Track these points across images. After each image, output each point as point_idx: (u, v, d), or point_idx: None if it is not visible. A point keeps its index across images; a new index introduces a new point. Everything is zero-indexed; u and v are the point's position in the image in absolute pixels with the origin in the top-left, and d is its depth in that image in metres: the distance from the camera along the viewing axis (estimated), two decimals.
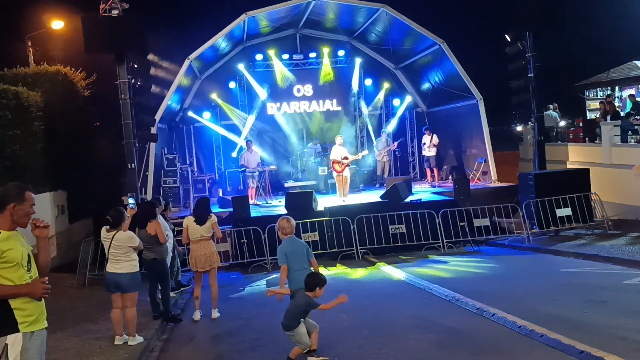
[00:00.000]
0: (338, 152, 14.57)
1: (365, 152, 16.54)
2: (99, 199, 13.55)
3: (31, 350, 3.61)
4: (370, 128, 19.64)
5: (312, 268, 5.98)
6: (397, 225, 12.39)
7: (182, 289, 9.84)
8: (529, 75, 13.80)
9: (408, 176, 18.27)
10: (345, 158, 14.49)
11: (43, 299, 3.75)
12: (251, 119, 18.73)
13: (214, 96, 18.54)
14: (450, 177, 18.10)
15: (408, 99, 19.81)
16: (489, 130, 16.88)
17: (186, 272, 10.43)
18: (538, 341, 5.77)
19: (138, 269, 6.88)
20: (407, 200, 13.45)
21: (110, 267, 6.76)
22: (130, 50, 11.84)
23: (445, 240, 12.31)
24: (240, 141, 18.23)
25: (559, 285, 8.29)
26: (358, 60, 19.23)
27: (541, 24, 13.48)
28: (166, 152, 16.40)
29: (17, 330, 3.58)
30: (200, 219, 7.93)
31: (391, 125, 19.66)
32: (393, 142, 18.26)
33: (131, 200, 11.06)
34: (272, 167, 16.82)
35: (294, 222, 6.23)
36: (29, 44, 18.02)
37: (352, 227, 12.19)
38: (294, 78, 19.01)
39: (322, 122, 19.19)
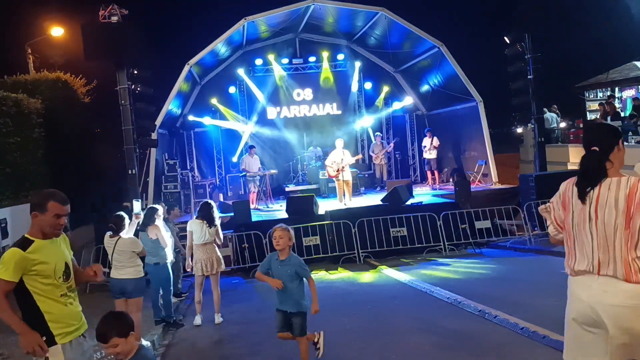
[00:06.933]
0: (332, 157, 14.39)
1: (359, 156, 16.41)
2: (99, 205, 13.55)
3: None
4: (370, 131, 19.65)
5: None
6: (398, 228, 12.38)
7: (181, 297, 9.81)
8: (529, 76, 13.79)
9: (409, 179, 18.26)
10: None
11: (79, 308, 3.64)
12: (251, 123, 18.76)
13: (214, 101, 18.57)
14: (450, 180, 18.08)
15: (408, 101, 19.84)
16: (489, 132, 16.86)
17: (187, 278, 10.40)
18: (540, 343, 5.74)
19: (142, 274, 6.88)
20: (408, 203, 13.43)
21: (115, 273, 6.75)
22: (129, 56, 11.85)
23: (446, 243, 12.27)
24: (241, 146, 18.24)
25: (561, 286, 8.21)
26: (357, 64, 19.27)
27: (540, 26, 13.47)
28: (167, 158, 16.39)
29: (55, 343, 3.40)
30: (211, 221, 7.92)
31: (390, 127, 19.69)
32: (389, 144, 18.26)
33: (136, 206, 11.05)
34: (273, 171, 16.84)
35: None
36: (29, 51, 18.04)
37: (353, 231, 12.17)
38: (293, 82, 19.05)
39: (322, 126, 19.21)
